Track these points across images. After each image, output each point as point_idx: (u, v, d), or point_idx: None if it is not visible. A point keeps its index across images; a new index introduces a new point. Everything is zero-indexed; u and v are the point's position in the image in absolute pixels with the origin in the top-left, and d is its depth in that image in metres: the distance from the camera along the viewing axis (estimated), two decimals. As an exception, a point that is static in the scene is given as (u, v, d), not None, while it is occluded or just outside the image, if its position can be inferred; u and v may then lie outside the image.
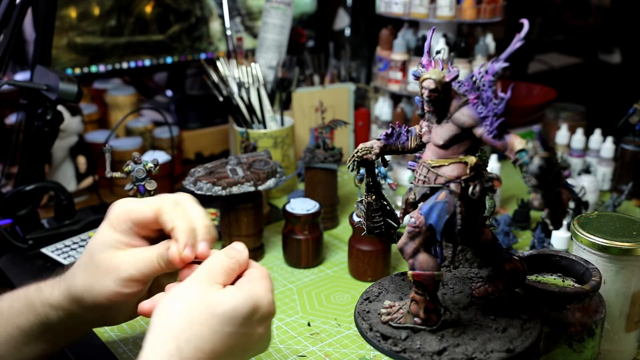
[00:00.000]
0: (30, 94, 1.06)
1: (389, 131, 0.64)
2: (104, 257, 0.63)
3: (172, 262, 0.61)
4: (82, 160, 1.31)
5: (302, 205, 1.00)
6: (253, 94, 1.23)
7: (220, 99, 1.23)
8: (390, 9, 1.28)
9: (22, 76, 1.40)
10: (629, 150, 1.22)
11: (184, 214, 0.63)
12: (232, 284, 0.59)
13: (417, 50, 1.29)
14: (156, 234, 0.65)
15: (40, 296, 0.66)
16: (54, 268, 0.97)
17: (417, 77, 0.59)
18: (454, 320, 0.62)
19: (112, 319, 0.70)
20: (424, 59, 0.60)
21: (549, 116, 1.47)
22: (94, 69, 1.40)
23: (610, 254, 0.73)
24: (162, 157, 1.26)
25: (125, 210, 0.64)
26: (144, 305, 0.61)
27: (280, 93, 1.29)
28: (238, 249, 0.61)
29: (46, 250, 1.03)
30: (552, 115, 1.46)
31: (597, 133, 1.29)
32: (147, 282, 0.65)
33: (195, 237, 0.62)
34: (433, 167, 0.59)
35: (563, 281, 0.74)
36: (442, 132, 0.59)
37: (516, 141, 0.54)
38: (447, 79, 0.57)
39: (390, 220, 0.69)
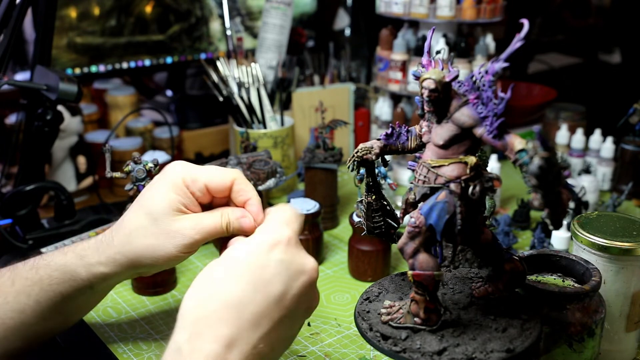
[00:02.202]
0: (30, 94, 1.06)
1: (389, 131, 0.64)
2: (168, 221, 0.64)
3: (245, 229, 0.64)
4: (82, 160, 1.31)
5: (302, 205, 1.00)
6: (253, 94, 1.23)
7: (220, 99, 1.23)
8: (390, 9, 1.28)
9: (22, 76, 1.40)
10: (629, 150, 1.22)
11: (255, 190, 0.67)
12: None
13: (417, 50, 1.29)
14: (209, 202, 0.68)
15: (84, 264, 0.67)
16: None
17: (417, 77, 0.59)
18: (454, 320, 0.62)
19: (149, 272, 0.72)
20: (424, 59, 0.60)
21: (549, 116, 1.47)
22: (94, 69, 1.40)
23: (610, 254, 0.73)
24: (162, 157, 1.26)
25: (199, 173, 0.66)
26: None
27: (280, 93, 1.29)
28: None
29: (46, 251, 1.03)
30: (552, 115, 1.46)
31: (597, 133, 1.29)
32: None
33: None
34: (433, 167, 0.59)
35: (563, 281, 0.74)
36: (442, 132, 0.59)
37: (516, 141, 0.54)
38: (447, 79, 0.57)
39: (390, 220, 0.69)
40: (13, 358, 0.69)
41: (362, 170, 0.66)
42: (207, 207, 0.68)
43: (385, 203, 0.68)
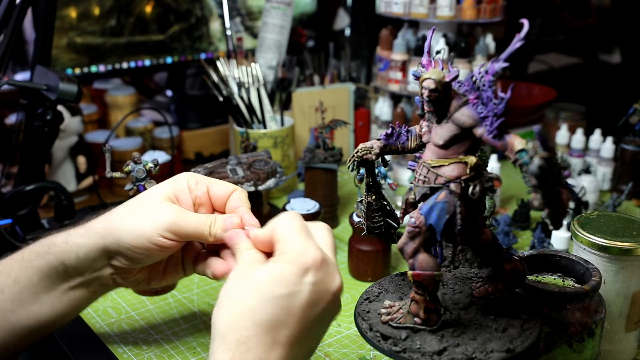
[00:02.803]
0: (30, 94, 1.06)
1: (389, 131, 0.64)
2: (154, 204, 0.64)
3: (227, 227, 0.63)
4: (82, 160, 1.31)
5: (302, 205, 1.00)
6: (253, 94, 1.23)
7: (220, 99, 1.23)
8: (390, 9, 1.28)
9: (22, 76, 1.39)
10: (629, 150, 1.22)
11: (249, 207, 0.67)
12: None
13: (417, 50, 1.29)
14: (207, 212, 0.68)
15: (63, 235, 0.67)
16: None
17: (417, 77, 0.59)
18: (454, 320, 0.62)
19: (122, 274, 0.69)
20: (424, 59, 0.60)
21: (549, 116, 1.47)
22: (94, 69, 1.39)
23: (610, 254, 0.73)
24: (162, 157, 1.26)
25: (205, 179, 0.67)
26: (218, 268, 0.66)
27: (280, 93, 1.29)
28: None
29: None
30: (552, 115, 1.46)
31: (597, 133, 1.29)
32: (179, 244, 0.65)
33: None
34: (433, 167, 0.59)
35: (563, 281, 0.74)
36: (442, 132, 0.59)
37: (516, 141, 0.54)
38: (447, 79, 0.57)
39: (390, 220, 0.69)
40: None
41: (362, 170, 0.66)
42: None
43: (385, 203, 0.68)
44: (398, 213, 0.67)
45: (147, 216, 0.64)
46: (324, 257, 0.57)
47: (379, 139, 0.64)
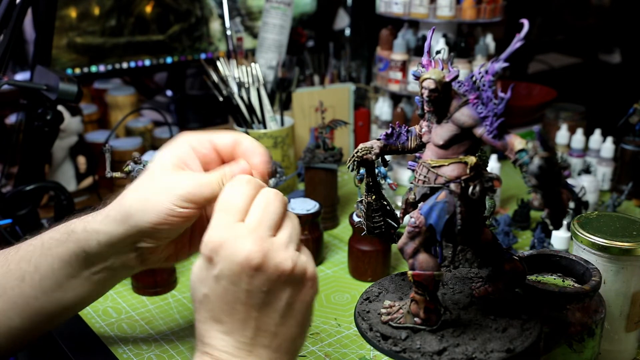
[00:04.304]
0: (30, 94, 1.05)
1: (389, 131, 0.64)
2: (164, 175, 0.62)
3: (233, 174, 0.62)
4: (82, 160, 1.31)
5: (302, 205, 1.00)
6: (253, 94, 1.23)
7: (220, 99, 1.23)
8: (390, 9, 1.28)
9: (22, 76, 1.40)
10: (629, 150, 1.22)
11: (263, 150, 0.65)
12: None
13: (417, 50, 1.29)
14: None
15: (81, 222, 0.66)
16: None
17: (417, 77, 0.59)
18: (454, 320, 0.62)
19: (148, 254, 0.67)
20: (424, 59, 0.60)
21: (549, 116, 1.47)
22: (94, 69, 1.40)
23: (610, 254, 0.73)
24: (162, 157, 1.26)
25: (206, 135, 0.65)
26: None
27: (280, 93, 1.29)
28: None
29: (46, 250, 1.03)
30: (552, 115, 1.46)
31: (597, 133, 1.29)
32: (200, 208, 0.63)
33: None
34: (433, 167, 0.59)
35: (563, 281, 0.74)
36: (442, 132, 0.59)
37: (516, 141, 0.54)
38: (447, 79, 0.57)
39: (390, 220, 0.69)
40: (10, 342, 0.68)
41: (362, 170, 0.66)
42: None
43: (385, 203, 0.68)
44: (398, 213, 0.67)
45: (161, 191, 0.62)
46: (217, 242, 0.55)
47: (379, 139, 0.64)
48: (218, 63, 1.24)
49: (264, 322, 0.56)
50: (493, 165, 1.18)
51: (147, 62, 1.46)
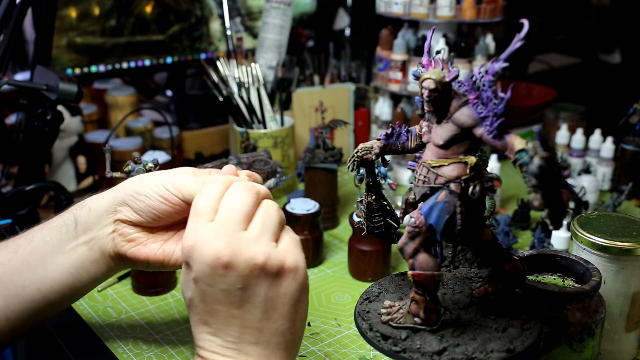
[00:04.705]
0: (30, 94, 1.06)
1: (389, 131, 0.64)
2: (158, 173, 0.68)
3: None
4: (82, 160, 1.31)
5: (302, 205, 1.00)
6: (253, 94, 1.23)
7: (220, 99, 1.23)
8: (390, 9, 1.28)
9: (22, 76, 1.40)
10: (629, 150, 1.22)
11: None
12: None
13: (417, 50, 1.29)
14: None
15: (76, 203, 0.70)
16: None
17: (417, 77, 0.59)
18: (454, 320, 0.62)
19: (124, 242, 0.68)
20: (424, 59, 0.60)
21: (549, 116, 1.47)
22: (94, 69, 1.39)
23: (610, 254, 0.73)
24: (162, 157, 1.26)
25: (204, 172, 0.69)
26: None
27: (280, 93, 1.29)
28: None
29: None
30: (552, 115, 1.46)
31: (597, 133, 1.29)
32: (181, 204, 0.66)
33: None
34: (433, 167, 0.59)
35: (563, 281, 0.74)
36: (442, 132, 0.59)
37: (516, 141, 0.54)
38: (447, 79, 0.57)
39: (390, 220, 0.69)
40: (9, 330, 0.69)
41: (362, 170, 0.66)
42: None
43: (385, 203, 0.68)
44: (398, 213, 0.67)
45: (154, 174, 0.68)
46: (189, 245, 0.56)
47: (379, 139, 0.64)
48: (218, 63, 1.24)
49: (247, 319, 0.56)
50: (493, 165, 1.18)
51: (147, 62, 1.46)
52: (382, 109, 1.38)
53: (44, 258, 0.68)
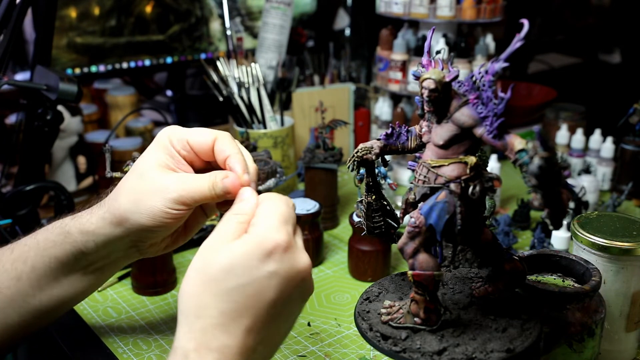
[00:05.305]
0: (30, 94, 1.05)
1: (389, 131, 0.64)
2: (154, 175, 0.63)
3: (229, 190, 0.61)
4: (82, 160, 1.31)
5: (302, 205, 1.00)
6: (253, 94, 1.23)
7: (220, 99, 1.23)
8: (390, 9, 1.28)
9: (22, 76, 1.40)
10: (629, 150, 1.22)
11: (239, 148, 0.64)
12: None
13: (417, 50, 1.29)
14: (202, 166, 0.66)
15: (76, 223, 0.66)
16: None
17: (417, 77, 0.59)
18: (454, 320, 0.62)
19: (147, 248, 0.68)
20: (424, 59, 0.60)
21: (549, 116, 1.47)
22: (94, 69, 1.39)
23: (610, 254, 0.73)
24: (162, 157, 1.26)
25: (183, 132, 0.65)
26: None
27: (280, 93, 1.29)
28: (242, 206, 0.59)
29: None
30: (552, 115, 1.46)
31: (597, 133, 1.29)
32: (192, 208, 0.64)
33: (248, 169, 0.63)
34: (433, 167, 0.59)
35: (563, 281, 0.74)
36: (442, 132, 0.59)
37: (516, 141, 0.54)
38: (447, 79, 0.57)
39: (390, 220, 0.69)
40: (8, 339, 0.68)
41: (362, 170, 0.66)
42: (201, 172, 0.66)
43: (385, 203, 0.68)
44: (398, 213, 0.67)
45: (153, 193, 0.63)
46: (289, 242, 0.56)
47: (379, 139, 0.64)
48: (218, 63, 1.24)
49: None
50: (493, 165, 1.18)
51: (147, 62, 1.46)
52: (382, 109, 1.38)
53: (57, 281, 0.68)
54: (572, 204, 0.55)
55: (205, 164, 0.66)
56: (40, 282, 0.67)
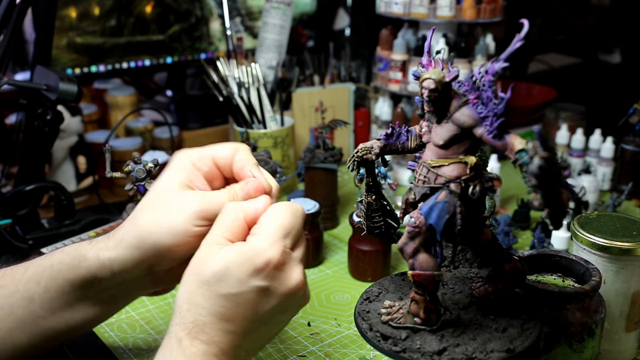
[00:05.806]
0: (30, 94, 1.06)
1: (389, 131, 0.64)
2: (173, 192, 0.62)
3: (252, 195, 0.62)
4: (82, 160, 1.31)
5: (302, 205, 1.00)
6: (253, 94, 1.23)
7: (220, 99, 1.23)
8: (390, 9, 1.28)
9: (22, 76, 1.40)
10: (629, 150, 1.22)
11: (256, 163, 0.65)
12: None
13: (417, 50, 1.29)
14: (221, 186, 0.66)
15: (93, 248, 0.65)
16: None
17: (417, 77, 0.59)
18: (454, 320, 0.62)
19: (163, 275, 0.66)
20: (424, 59, 0.60)
21: (549, 116, 1.47)
22: (94, 69, 1.40)
23: (610, 254, 0.73)
24: (162, 157, 1.26)
25: (206, 151, 0.65)
26: None
27: (280, 93, 1.29)
28: (251, 204, 0.61)
29: (46, 251, 1.03)
30: (552, 115, 1.46)
31: (597, 133, 1.29)
32: (212, 224, 0.62)
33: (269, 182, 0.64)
34: (433, 167, 0.59)
35: (563, 281, 0.74)
36: (442, 132, 0.59)
37: (516, 141, 0.54)
38: (447, 79, 0.57)
39: (390, 220, 0.68)
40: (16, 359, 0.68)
41: (362, 170, 0.66)
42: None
43: (385, 203, 0.68)
44: (398, 213, 0.67)
45: (175, 210, 0.62)
46: (282, 259, 0.57)
47: (379, 139, 0.64)
48: (218, 63, 1.24)
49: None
50: (493, 165, 1.18)
51: (147, 62, 1.46)
52: (382, 109, 1.38)
53: (69, 305, 0.67)
54: (572, 204, 0.55)
55: (224, 184, 0.66)
56: (53, 304, 0.66)
